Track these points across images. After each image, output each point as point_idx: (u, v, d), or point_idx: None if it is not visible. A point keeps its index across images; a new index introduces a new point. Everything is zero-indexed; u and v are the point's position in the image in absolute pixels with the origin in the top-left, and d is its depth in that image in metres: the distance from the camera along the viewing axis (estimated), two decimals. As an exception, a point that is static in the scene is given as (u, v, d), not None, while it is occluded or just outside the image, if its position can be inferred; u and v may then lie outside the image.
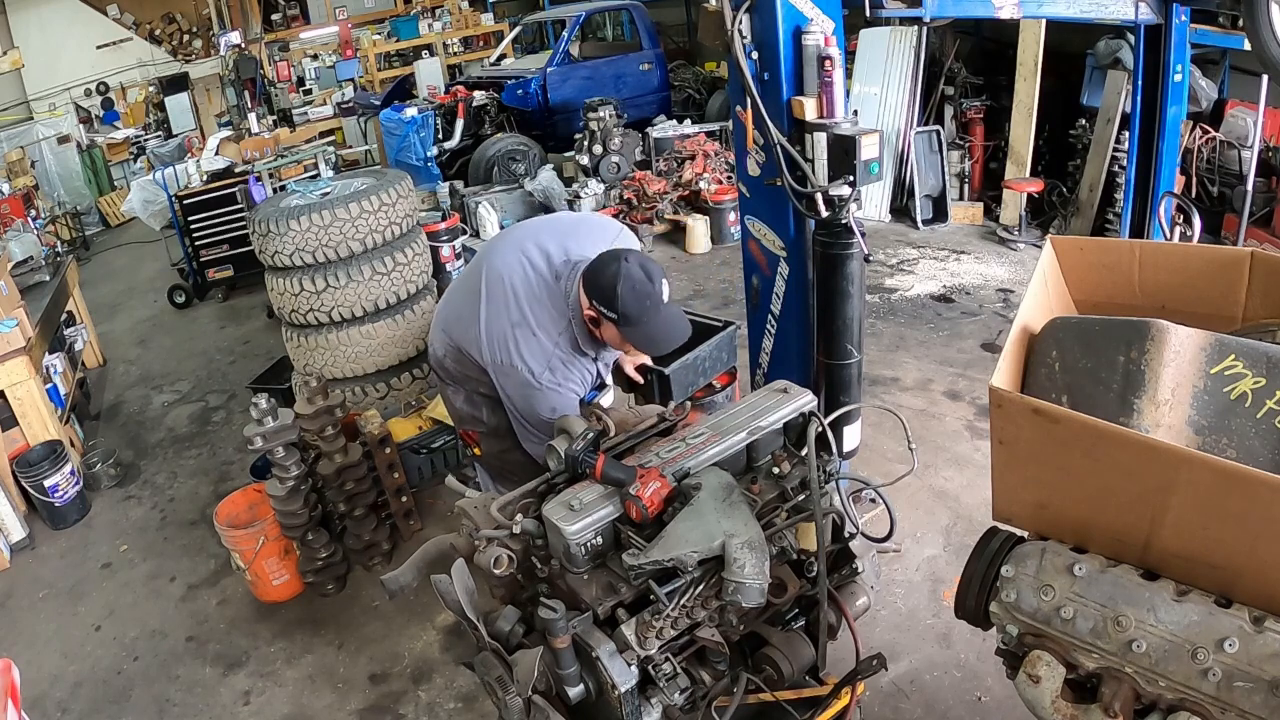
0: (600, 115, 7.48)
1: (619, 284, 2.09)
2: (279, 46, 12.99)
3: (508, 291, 2.36)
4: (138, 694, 3.19)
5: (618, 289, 2.09)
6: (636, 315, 2.11)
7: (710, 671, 1.73)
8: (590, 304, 2.18)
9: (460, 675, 2.99)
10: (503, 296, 2.37)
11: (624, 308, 2.10)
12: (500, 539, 1.74)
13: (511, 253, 2.43)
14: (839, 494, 1.86)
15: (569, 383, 2.32)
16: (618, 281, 2.09)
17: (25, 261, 5.79)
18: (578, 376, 2.35)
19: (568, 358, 2.31)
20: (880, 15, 3.05)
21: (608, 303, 2.12)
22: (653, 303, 2.12)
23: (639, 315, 2.11)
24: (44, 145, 11.15)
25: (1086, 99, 6.18)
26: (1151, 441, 1.45)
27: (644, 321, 2.12)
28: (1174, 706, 1.44)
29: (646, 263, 2.16)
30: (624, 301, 2.09)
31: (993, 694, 2.64)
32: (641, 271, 2.12)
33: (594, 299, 2.16)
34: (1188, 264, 1.92)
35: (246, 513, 3.59)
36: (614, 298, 2.09)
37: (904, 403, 4.27)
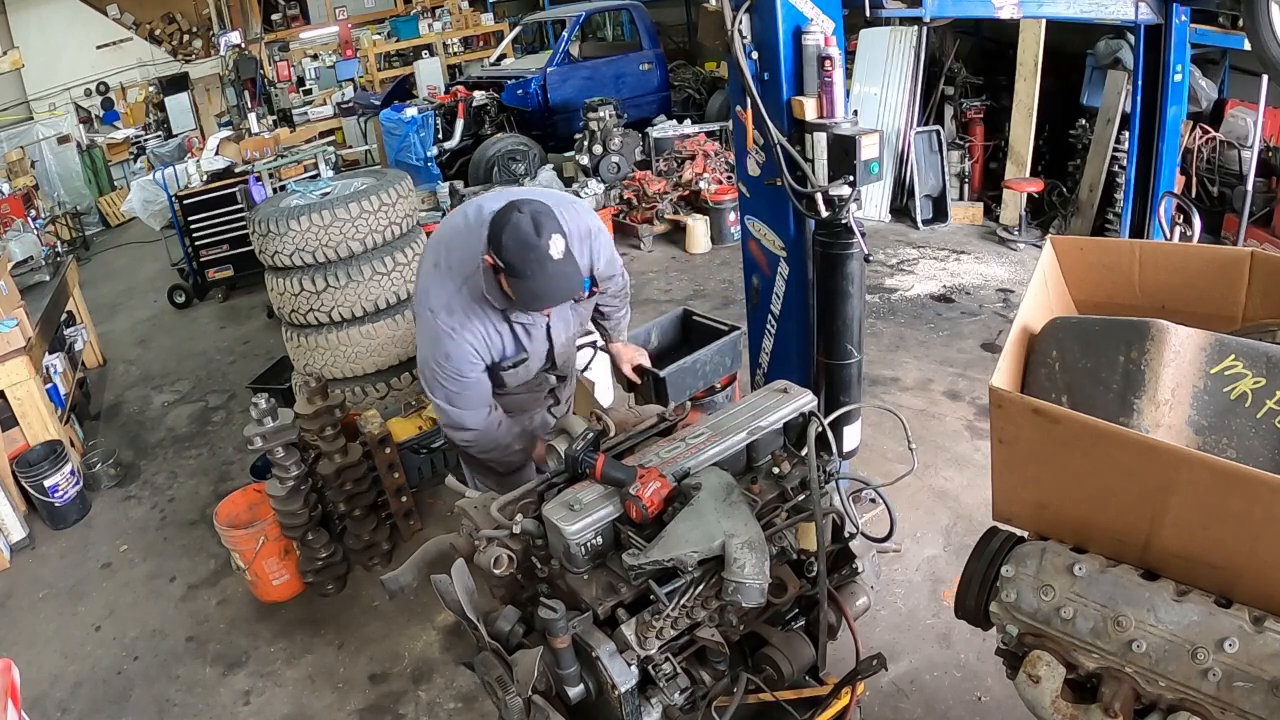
0: (600, 115, 7.48)
1: (504, 233, 2.02)
2: (279, 46, 12.99)
3: (441, 238, 2.39)
4: (138, 694, 3.19)
5: (503, 238, 2.02)
6: (519, 267, 2.03)
7: (710, 671, 1.73)
8: (488, 250, 2.11)
9: (460, 675, 2.99)
10: (435, 244, 2.40)
11: (507, 257, 2.03)
12: (500, 539, 1.74)
13: (467, 207, 2.45)
14: (839, 494, 1.86)
15: (466, 331, 2.24)
16: (504, 229, 2.03)
17: (25, 261, 5.79)
18: (478, 329, 2.26)
19: (469, 304, 2.24)
20: (880, 15, 3.05)
21: (497, 250, 2.05)
22: (536, 257, 2.02)
23: (521, 267, 2.03)
24: (44, 145, 11.15)
25: (1086, 99, 6.18)
26: (1151, 441, 1.45)
27: (527, 275, 2.04)
28: (1174, 706, 1.44)
29: (542, 215, 2.05)
30: (507, 250, 2.02)
31: (993, 694, 2.64)
32: (531, 223, 2.02)
33: (491, 246, 2.09)
34: (1188, 264, 1.92)
35: (246, 513, 3.59)
36: (500, 247, 2.03)
37: (904, 403, 4.27)
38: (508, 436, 2.48)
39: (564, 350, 2.60)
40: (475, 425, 2.40)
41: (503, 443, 2.47)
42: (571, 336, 2.59)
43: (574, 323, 2.56)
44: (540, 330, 2.42)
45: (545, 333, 2.43)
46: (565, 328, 2.52)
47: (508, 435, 2.48)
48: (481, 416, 2.40)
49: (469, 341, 2.26)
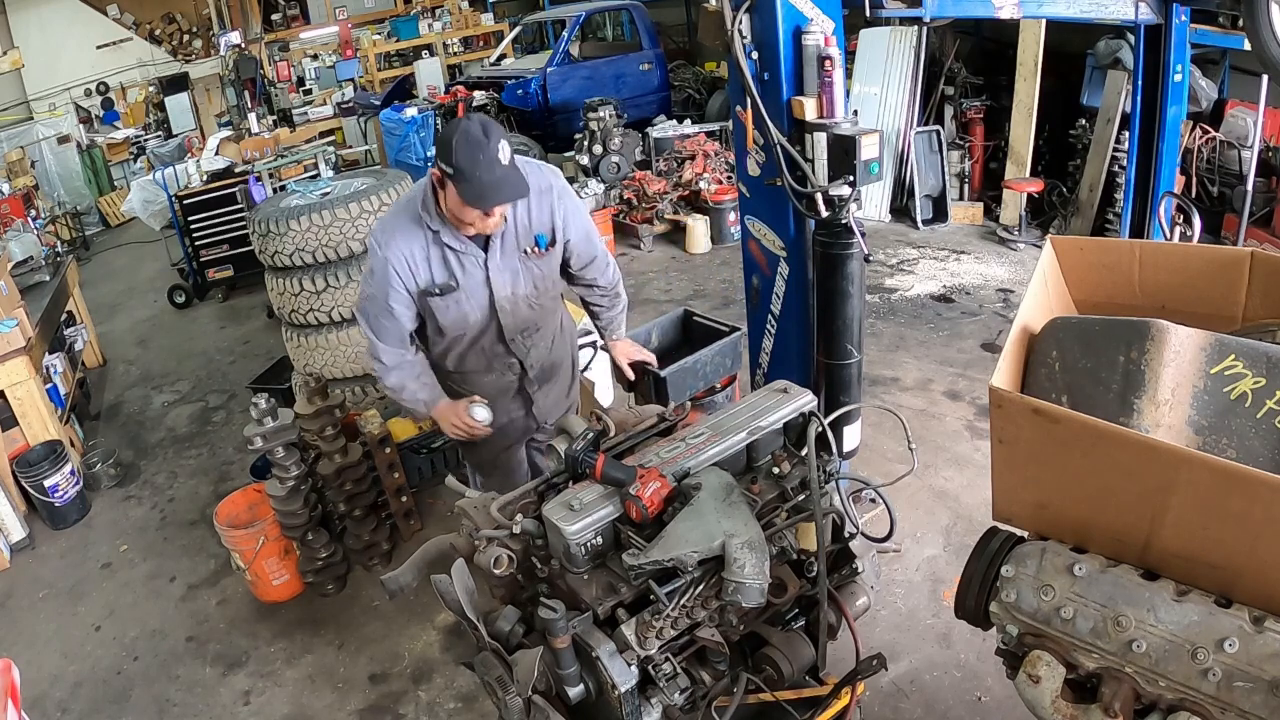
0: (600, 115, 7.48)
1: (455, 136, 2.09)
2: (279, 46, 12.99)
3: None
4: (138, 694, 3.19)
5: (453, 141, 2.09)
6: (469, 167, 2.08)
7: (710, 671, 1.73)
8: (437, 165, 2.17)
9: (460, 675, 2.99)
10: None
11: (457, 160, 2.08)
12: (500, 539, 1.74)
13: None
14: (839, 494, 1.86)
15: (391, 246, 2.29)
16: (454, 134, 2.10)
17: (25, 261, 5.79)
18: (405, 245, 2.29)
19: (401, 225, 2.31)
20: (880, 15, 3.05)
21: (446, 156, 2.11)
22: (485, 157, 2.09)
23: (471, 167, 2.08)
24: (44, 145, 11.15)
25: (1086, 99, 6.18)
26: (1151, 441, 1.45)
27: (474, 174, 2.09)
28: (1174, 706, 1.44)
29: (490, 124, 2.15)
30: (457, 153, 2.08)
31: (993, 694, 2.64)
32: (479, 127, 2.11)
33: (439, 157, 2.15)
34: (1188, 264, 1.92)
35: (246, 513, 3.59)
36: (450, 150, 2.09)
37: (904, 403, 4.27)
38: (414, 381, 2.50)
39: (512, 310, 2.46)
40: (388, 361, 2.45)
41: (409, 386, 2.49)
42: (521, 297, 2.45)
43: (523, 280, 2.43)
44: (475, 265, 2.35)
45: (484, 275, 2.36)
46: (511, 279, 2.40)
47: (415, 379, 2.50)
48: (395, 355, 2.44)
49: (392, 258, 2.29)
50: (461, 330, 2.45)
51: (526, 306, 2.49)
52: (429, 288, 2.34)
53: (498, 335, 2.50)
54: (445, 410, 2.53)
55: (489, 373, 2.60)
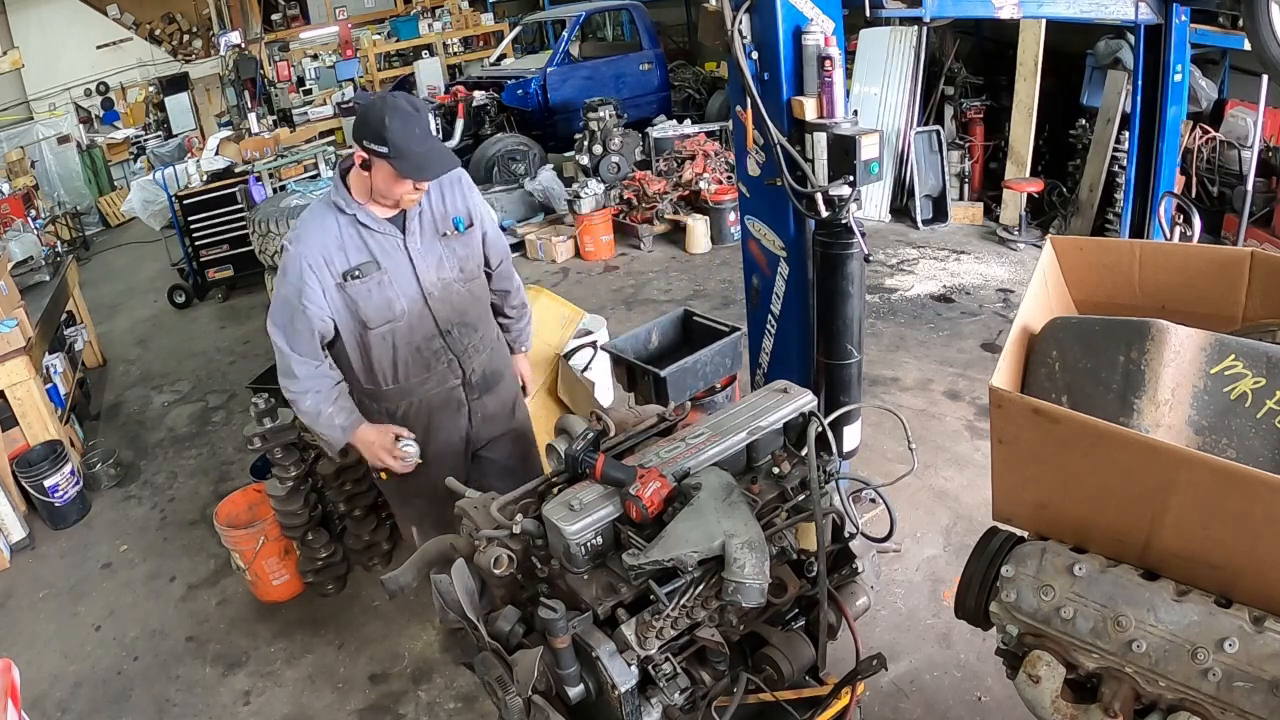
0: (600, 115, 7.49)
1: (386, 115, 2.08)
2: (279, 46, 12.98)
3: None
4: (138, 694, 3.19)
5: (385, 119, 2.07)
6: (405, 143, 2.08)
7: (710, 671, 1.73)
8: (360, 146, 2.14)
9: (460, 675, 2.98)
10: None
11: (393, 136, 2.07)
12: (500, 539, 1.74)
13: None
14: (839, 494, 1.86)
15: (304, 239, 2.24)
16: (385, 113, 2.08)
17: (25, 261, 5.79)
18: (318, 232, 2.24)
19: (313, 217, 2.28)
20: (880, 15, 3.05)
21: (377, 135, 2.08)
22: (420, 130, 2.11)
23: (407, 143, 2.08)
24: (44, 145, 11.15)
25: (1086, 99, 6.18)
26: (1151, 441, 1.45)
27: (412, 149, 2.09)
28: (1174, 706, 1.44)
29: (412, 97, 2.18)
30: (392, 130, 2.07)
31: (993, 694, 2.64)
32: (406, 103, 2.13)
33: (364, 138, 2.12)
34: (1188, 264, 1.92)
35: (246, 513, 3.59)
36: (384, 129, 2.07)
37: (904, 403, 4.27)
38: (331, 405, 2.36)
39: (442, 296, 2.39)
40: (301, 374, 2.32)
41: (325, 410, 2.35)
42: (451, 280, 2.40)
43: (448, 263, 2.39)
44: (396, 246, 2.30)
45: (407, 258, 2.31)
46: (435, 262, 2.36)
47: (331, 403, 2.36)
48: (308, 367, 2.32)
49: (305, 252, 2.22)
50: (388, 318, 2.33)
51: (458, 289, 2.42)
52: (348, 270, 2.26)
53: (433, 327, 2.41)
54: (370, 434, 2.40)
55: (428, 378, 2.47)
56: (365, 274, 2.27)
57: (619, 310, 5.89)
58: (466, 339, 2.50)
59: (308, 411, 2.38)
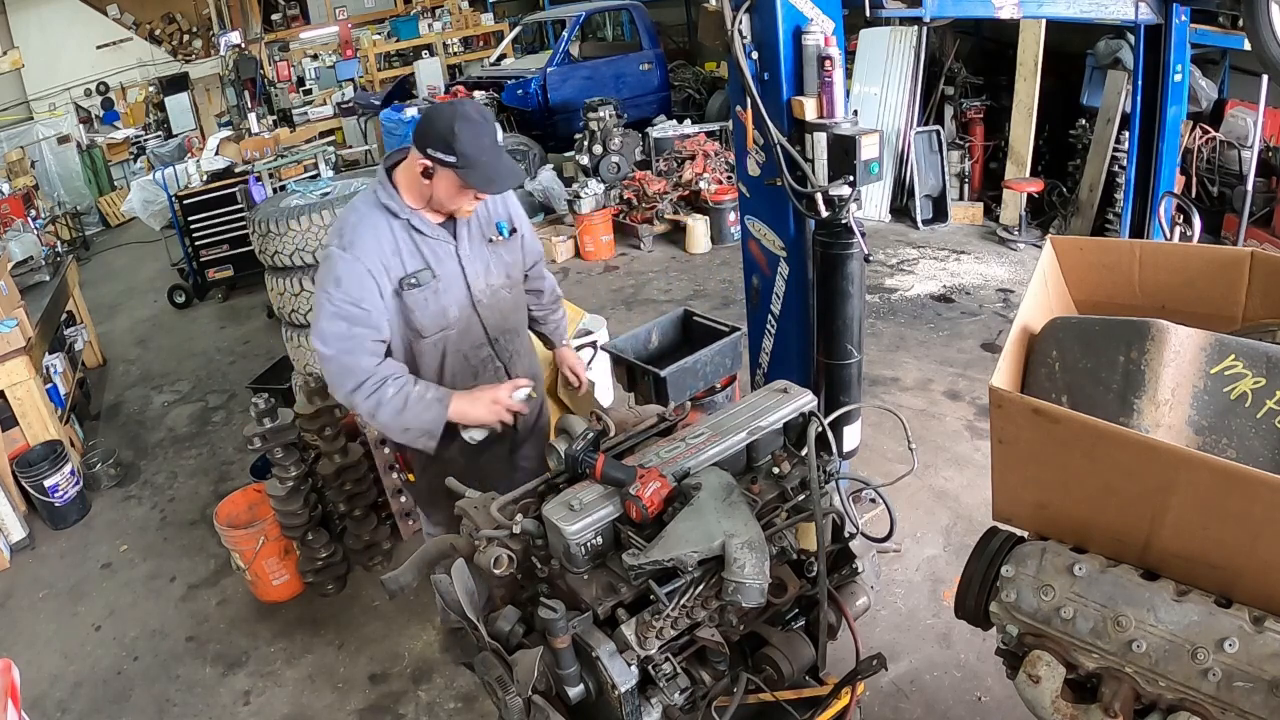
0: (600, 115, 7.49)
1: (456, 124, 2.02)
2: (279, 46, 13.00)
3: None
4: (138, 694, 3.19)
5: (455, 128, 2.02)
6: (475, 154, 2.03)
7: (710, 671, 1.73)
8: (424, 154, 2.06)
9: (460, 675, 2.99)
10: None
11: (463, 147, 2.02)
12: (500, 539, 1.74)
13: None
14: (839, 494, 1.86)
15: (358, 245, 2.11)
16: (455, 122, 2.03)
17: (25, 261, 5.79)
18: (372, 237, 2.12)
19: (363, 219, 2.15)
20: (880, 15, 3.05)
21: (446, 145, 2.02)
22: (490, 142, 2.06)
23: (478, 154, 2.03)
24: (44, 145, 11.15)
25: (1086, 99, 6.18)
26: (1151, 441, 1.45)
27: (483, 160, 2.05)
28: (1174, 706, 1.43)
29: (480, 106, 2.11)
30: (463, 141, 2.01)
31: (993, 694, 2.64)
32: (476, 112, 2.07)
33: (429, 146, 2.05)
34: (1188, 264, 1.92)
35: (246, 513, 3.59)
36: (453, 138, 2.01)
37: (904, 403, 4.27)
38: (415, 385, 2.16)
39: (490, 303, 2.33)
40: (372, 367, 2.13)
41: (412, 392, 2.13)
42: (498, 286, 2.35)
43: (495, 269, 2.33)
44: (448, 253, 2.22)
45: (458, 266, 2.24)
46: (483, 268, 2.30)
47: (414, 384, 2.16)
48: (374, 363, 2.14)
49: (364, 257, 2.10)
50: (441, 326, 2.26)
51: (504, 296, 2.38)
52: (405, 277, 2.16)
53: (482, 335, 2.36)
54: (477, 394, 2.22)
55: (475, 386, 2.35)
56: (422, 282, 2.19)
57: (619, 310, 5.89)
58: (511, 345, 2.47)
59: (393, 402, 2.13)
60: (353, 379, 2.12)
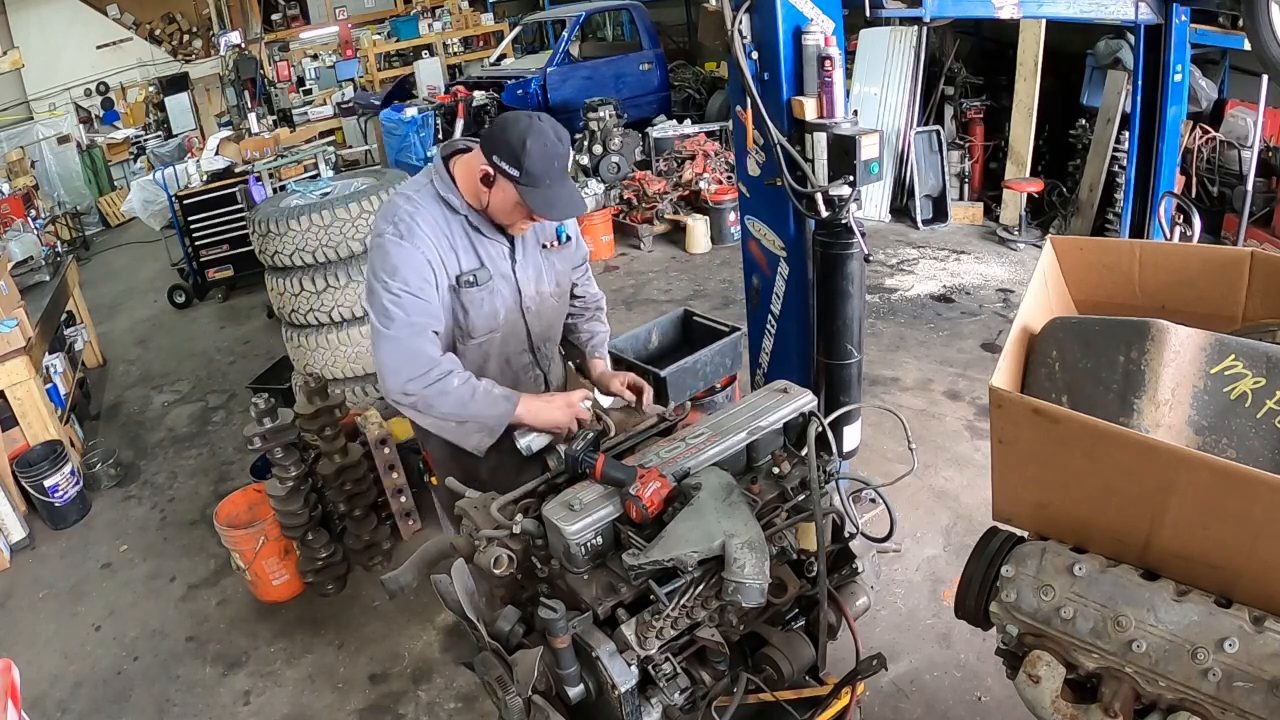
0: (600, 115, 7.49)
1: (529, 139, 1.93)
2: (279, 46, 12.99)
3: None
4: (138, 694, 3.19)
5: (527, 143, 1.92)
6: (542, 174, 1.94)
7: (710, 671, 1.73)
8: (489, 159, 1.98)
9: (460, 675, 2.99)
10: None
11: (531, 164, 1.93)
12: (500, 539, 1.74)
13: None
14: (839, 494, 1.86)
15: (415, 234, 2.01)
16: (529, 136, 1.93)
17: (25, 261, 5.79)
18: (430, 227, 2.03)
19: (419, 209, 2.05)
20: (880, 15, 3.05)
21: (514, 157, 1.93)
22: (560, 165, 1.97)
23: (544, 175, 1.95)
24: (44, 145, 11.15)
25: (1086, 99, 6.18)
26: (1151, 441, 1.45)
27: (548, 184, 1.96)
28: (1174, 706, 1.43)
29: (561, 129, 2.00)
30: (532, 157, 1.92)
31: (993, 694, 2.64)
32: (553, 131, 1.97)
33: (496, 153, 1.96)
34: (1188, 264, 1.92)
35: (246, 513, 3.59)
36: (522, 152, 1.92)
37: (904, 403, 4.27)
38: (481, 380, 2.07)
39: (538, 310, 2.26)
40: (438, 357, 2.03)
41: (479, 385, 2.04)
42: (547, 294, 2.28)
43: (547, 277, 2.26)
44: (502, 256, 2.14)
45: (510, 270, 2.16)
46: (535, 276, 2.23)
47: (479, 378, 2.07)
48: (438, 353, 2.04)
49: (425, 249, 2.01)
50: (491, 329, 2.18)
51: (551, 304, 2.30)
52: (462, 274, 2.08)
53: (525, 342, 2.28)
54: (549, 397, 2.15)
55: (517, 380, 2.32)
56: (479, 281, 2.10)
57: (619, 310, 5.89)
58: (551, 353, 2.42)
59: (459, 392, 2.02)
60: (414, 366, 2.00)
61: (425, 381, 2.00)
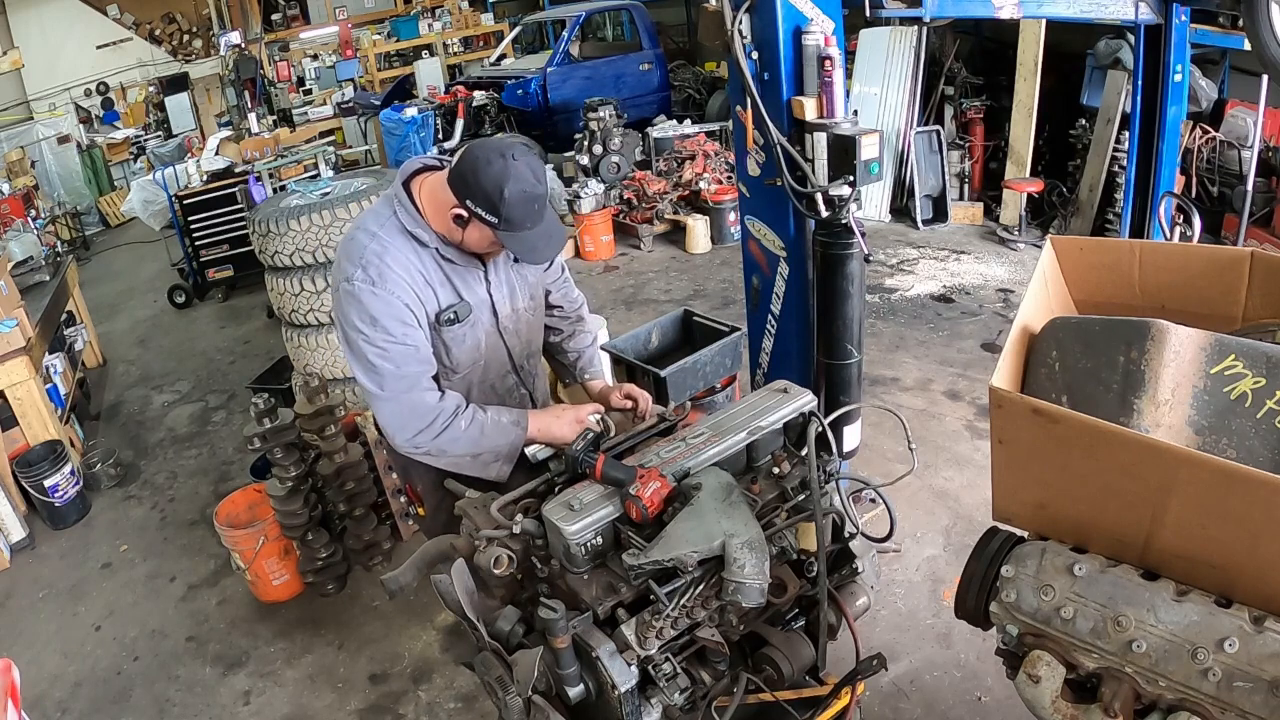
0: (600, 115, 7.49)
1: (507, 186, 1.81)
2: (279, 46, 12.99)
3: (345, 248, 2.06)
4: (138, 694, 3.19)
5: (505, 191, 1.81)
6: (521, 219, 1.84)
7: (710, 671, 1.73)
8: (462, 203, 1.86)
9: (460, 675, 2.99)
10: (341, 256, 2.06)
11: (510, 211, 1.82)
12: (500, 539, 1.74)
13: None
14: (839, 494, 1.86)
15: (388, 278, 1.91)
16: (505, 183, 1.81)
17: (25, 261, 5.79)
18: (401, 267, 1.93)
19: (387, 247, 1.94)
20: (880, 15, 3.05)
21: (490, 205, 1.82)
22: (539, 207, 1.87)
23: (524, 219, 1.85)
24: (44, 145, 11.15)
25: (1086, 99, 6.18)
26: (1151, 441, 1.45)
27: (528, 228, 1.86)
28: (1174, 706, 1.43)
29: (532, 159, 1.88)
30: (510, 205, 1.82)
31: (993, 694, 2.64)
32: (530, 173, 1.85)
33: (470, 198, 1.84)
34: (1188, 264, 1.92)
35: (246, 513, 3.59)
36: (500, 201, 1.81)
37: (904, 403, 4.27)
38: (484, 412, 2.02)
39: (515, 329, 2.20)
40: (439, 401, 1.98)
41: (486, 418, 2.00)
42: (523, 310, 2.21)
43: (520, 293, 2.17)
44: (477, 280, 2.07)
45: (485, 293, 2.09)
46: (509, 293, 2.15)
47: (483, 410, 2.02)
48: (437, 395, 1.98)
49: (400, 292, 1.91)
50: (474, 360, 2.12)
51: (527, 319, 2.23)
52: (442, 313, 2.00)
53: (508, 364, 2.22)
54: (557, 411, 2.11)
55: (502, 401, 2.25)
56: (460, 317, 2.03)
57: (619, 310, 5.89)
58: (534, 368, 2.35)
59: (469, 433, 1.99)
60: (419, 419, 1.95)
61: (432, 433, 1.96)
